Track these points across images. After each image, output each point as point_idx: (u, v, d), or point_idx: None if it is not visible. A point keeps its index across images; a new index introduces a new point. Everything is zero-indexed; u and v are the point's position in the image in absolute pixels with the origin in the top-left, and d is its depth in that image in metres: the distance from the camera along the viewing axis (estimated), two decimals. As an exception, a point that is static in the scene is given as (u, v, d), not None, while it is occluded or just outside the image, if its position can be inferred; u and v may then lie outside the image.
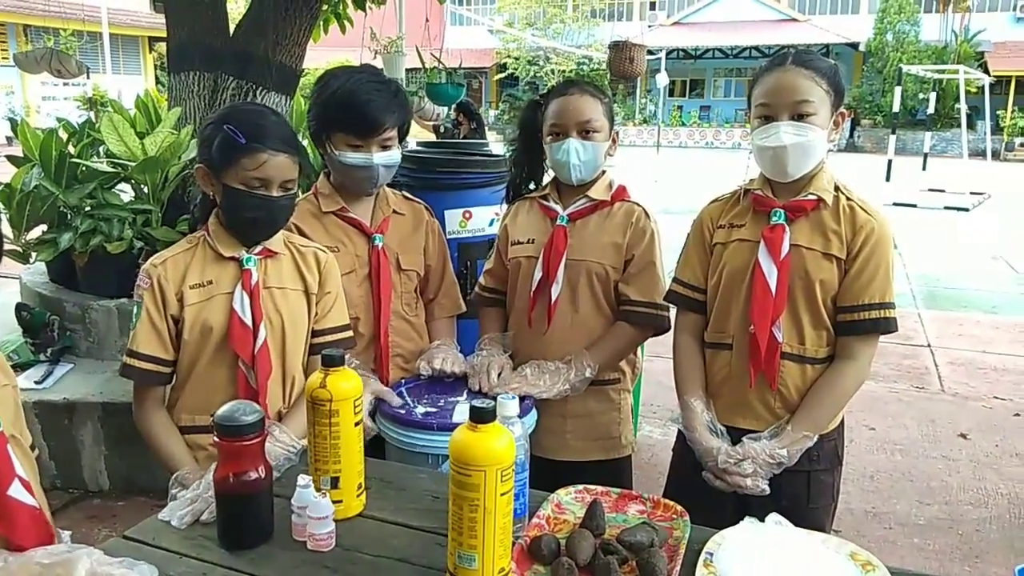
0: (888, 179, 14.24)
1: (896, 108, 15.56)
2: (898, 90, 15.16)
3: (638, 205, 2.13)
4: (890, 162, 14.50)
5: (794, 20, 30.08)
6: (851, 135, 27.35)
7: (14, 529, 1.31)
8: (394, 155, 2.03)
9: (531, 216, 2.17)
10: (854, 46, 28.53)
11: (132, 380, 1.75)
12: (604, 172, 2.13)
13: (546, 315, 2.08)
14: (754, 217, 1.82)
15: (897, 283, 1.79)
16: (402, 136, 2.08)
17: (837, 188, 1.79)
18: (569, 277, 2.06)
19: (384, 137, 1.99)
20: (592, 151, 2.03)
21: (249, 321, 1.73)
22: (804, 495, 1.80)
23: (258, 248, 1.78)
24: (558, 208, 2.10)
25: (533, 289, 2.08)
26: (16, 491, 1.31)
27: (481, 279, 2.31)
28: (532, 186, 2.27)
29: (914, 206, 13.04)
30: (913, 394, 4.75)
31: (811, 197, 1.76)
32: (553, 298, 2.06)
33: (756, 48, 29.47)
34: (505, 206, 2.36)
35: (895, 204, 12.66)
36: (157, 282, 1.72)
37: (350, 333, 1.94)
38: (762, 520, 1.36)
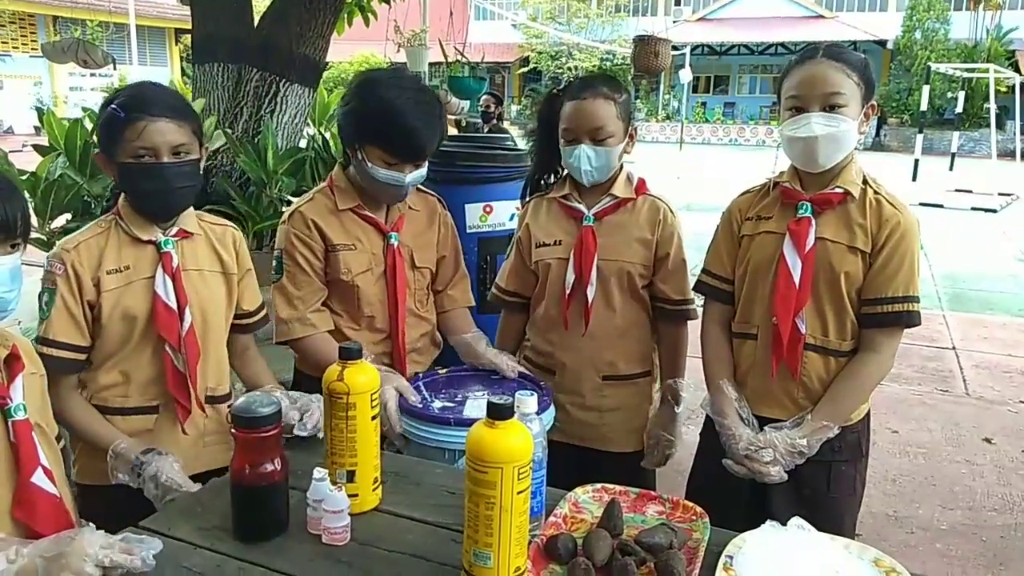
0: (915, 179, 14.07)
1: (924, 107, 15.36)
2: (926, 89, 14.97)
3: (661, 201, 2.12)
4: (917, 161, 14.33)
5: (821, 17, 29.73)
6: (877, 134, 27.02)
7: (35, 517, 1.31)
8: (423, 172, 2.01)
9: (554, 216, 2.15)
10: (882, 44, 28.15)
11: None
12: (621, 167, 2.11)
13: (583, 317, 2.07)
14: (782, 209, 1.84)
15: (922, 284, 1.77)
16: (436, 151, 2.06)
17: (865, 181, 1.80)
18: (601, 277, 2.06)
19: (421, 160, 1.98)
20: (604, 157, 2.02)
21: (174, 305, 1.70)
22: (825, 485, 1.83)
23: (174, 230, 1.74)
24: (582, 208, 2.08)
25: (568, 291, 2.07)
26: (39, 479, 1.33)
27: (500, 281, 2.28)
28: (551, 178, 2.25)
29: (941, 206, 12.86)
30: (937, 397, 4.68)
31: (838, 190, 1.77)
32: (589, 300, 2.05)
33: (782, 45, 29.18)
34: (520, 202, 2.34)
35: (921, 204, 12.48)
36: (72, 268, 1.66)
37: (264, 313, 1.95)
38: (784, 523, 1.34)
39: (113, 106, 1.66)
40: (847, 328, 1.80)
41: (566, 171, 2.19)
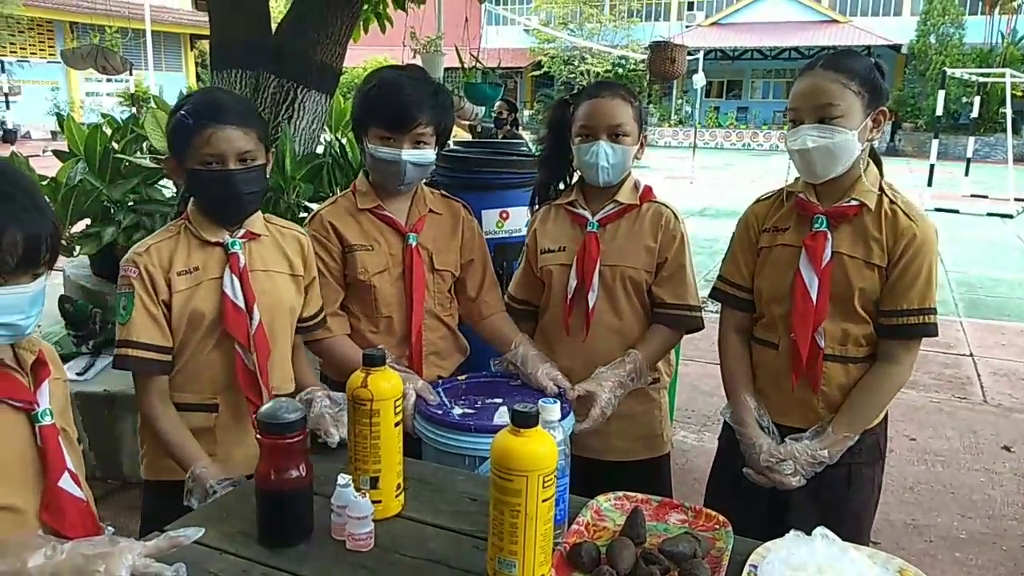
0: (930, 184, 13.98)
1: (939, 112, 15.24)
2: (941, 94, 14.83)
3: (666, 207, 2.12)
4: (932, 167, 14.23)
5: (835, 21, 29.64)
6: (892, 139, 26.85)
7: (63, 521, 1.33)
8: (426, 154, 2.00)
9: (559, 223, 2.16)
10: (896, 48, 27.99)
11: (129, 370, 1.72)
12: (629, 174, 2.12)
13: (584, 322, 2.08)
14: (797, 222, 1.85)
15: (939, 290, 1.78)
16: (442, 139, 2.07)
17: (882, 189, 1.79)
18: (604, 283, 2.06)
19: (416, 133, 1.97)
20: (621, 154, 2.03)
21: (242, 304, 1.73)
22: (845, 487, 1.85)
23: (241, 231, 1.78)
24: (587, 214, 2.10)
25: (570, 297, 2.08)
26: (66, 483, 1.34)
27: (510, 290, 2.29)
28: (560, 186, 2.25)
29: (956, 212, 12.77)
30: (955, 404, 4.65)
31: (853, 202, 1.77)
32: (590, 305, 2.05)
33: (796, 49, 29.08)
34: (528, 210, 2.34)
35: (937, 210, 12.41)
36: (145, 270, 1.70)
37: (323, 317, 1.99)
38: (803, 524, 1.33)
39: (182, 112, 1.70)
40: (865, 336, 1.80)
41: (575, 178, 2.21)
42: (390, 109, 1.96)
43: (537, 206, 2.27)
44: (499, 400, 1.95)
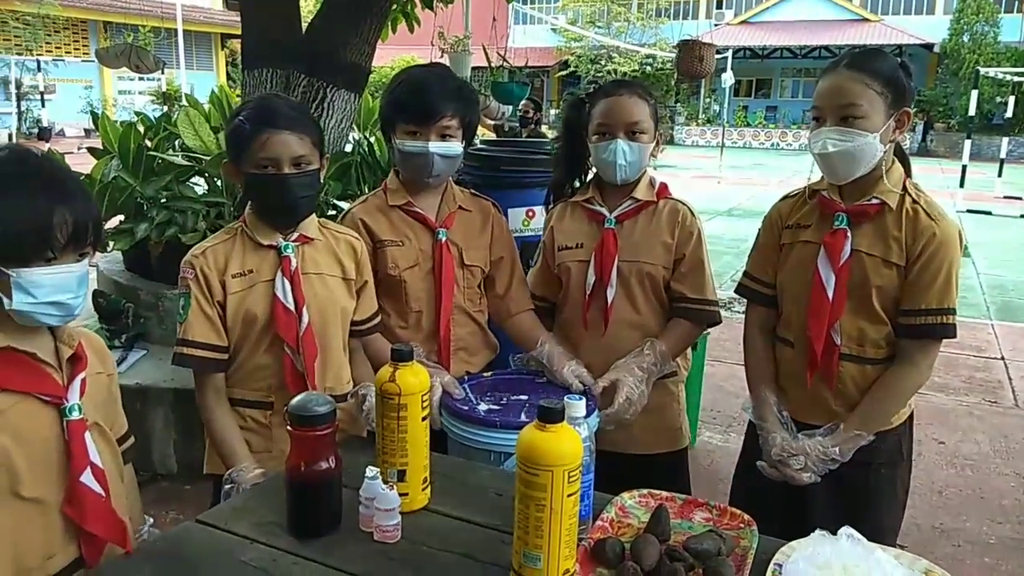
0: (962, 185, 13.75)
1: (972, 112, 14.99)
2: (974, 93, 14.57)
3: (682, 203, 2.14)
4: (964, 168, 14.00)
5: (866, 20, 29.25)
6: (924, 139, 26.45)
7: (83, 514, 1.36)
8: (452, 146, 2.03)
9: (576, 220, 2.17)
10: (928, 47, 27.57)
11: (190, 368, 1.78)
12: (645, 171, 2.13)
13: (602, 318, 2.10)
14: (819, 219, 1.86)
15: (970, 293, 1.77)
16: (468, 133, 2.09)
17: (906, 188, 1.78)
18: (622, 279, 2.08)
19: (442, 125, 2.00)
20: (638, 152, 2.04)
21: (292, 306, 1.77)
22: (865, 489, 1.85)
23: (294, 235, 1.82)
24: (604, 211, 2.11)
25: (588, 293, 2.10)
26: (87, 478, 1.36)
27: (529, 287, 2.30)
28: (576, 184, 2.26)
29: (989, 213, 12.56)
30: (985, 408, 4.59)
31: (875, 201, 1.77)
32: (609, 301, 2.07)
33: (826, 48, 28.74)
34: (543, 208, 2.36)
35: (969, 211, 12.23)
36: (201, 271, 1.76)
37: (379, 317, 2.02)
38: (823, 524, 1.33)
39: (239, 118, 1.76)
40: (883, 336, 1.80)
41: (590, 176, 2.22)
42: (415, 103, 2.00)
43: (552, 204, 2.28)
44: (524, 397, 1.96)
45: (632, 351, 2.05)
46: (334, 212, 3.47)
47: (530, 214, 3.31)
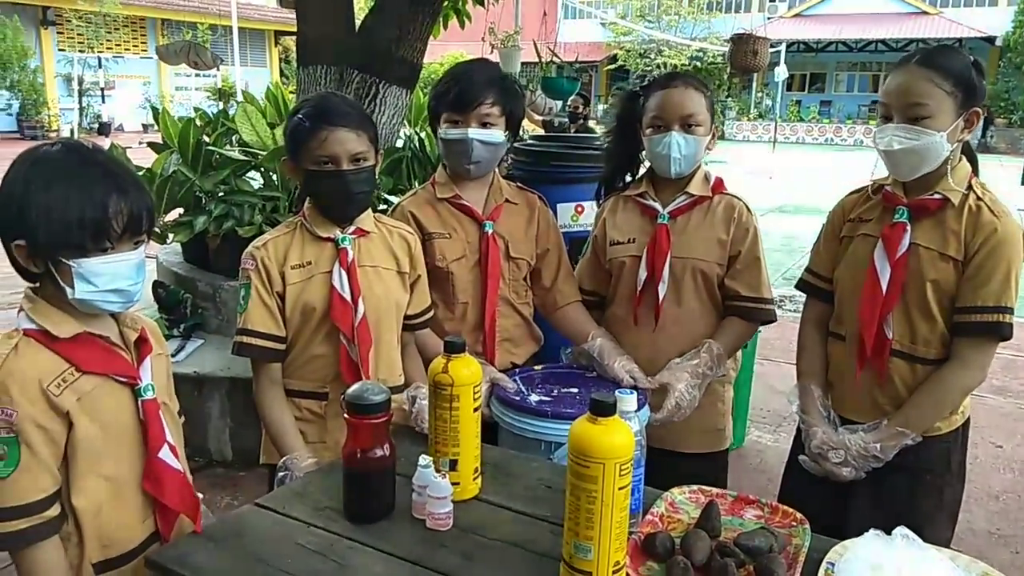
0: (1023, 183, 13.32)
1: (1036, 106, 14.49)
2: (1039, 87, 14.11)
3: (738, 199, 2.12)
4: (1027, 164, 13.55)
5: (924, 13, 28.45)
6: (983, 135, 25.43)
7: (162, 490, 1.42)
8: (492, 134, 2.05)
9: (628, 215, 2.16)
10: (990, 40, 26.70)
11: (249, 357, 1.83)
12: (700, 165, 2.11)
13: (652, 315, 2.08)
14: (881, 214, 1.84)
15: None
16: (511, 124, 2.11)
17: (971, 186, 1.75)
18: (674, 275, 2.06)
19: (481, 112, 2.02)
20: (694, 145, 2.02)
21: (348, 297, 1.81)
22: (907, 493, 1.81)
23: (351, 228, 1.85)
24: (657, 206, 2.09)
25: (639, 289, 2.08)
26: (165, 455, 1.43)
27: (577, 281, 2.30)
28: (628, 178, 2.25)
29: (1052, 212, 12.14)
30: (1046, 412, 4.45)
31: (937, 196, 1.74)
32: (660, 297, 2.06)
33: (883, 42, 28.08)
34: (595, 202, 2.35)
35: (1031, 209, 11.82)
36: (261, 263, 1.81)
37: (432, 311, 2.05)
38: (862, 527, 1.32)
39: (298, 116, 1.81)
40: (937, 335, 1.76)
41: (643, 170, 2.20)
42: (455, 91, 2.03)
43: (603, 199, 2.28)
44: (575, 390, 1.98)
45: (684, 351, 2.04)
46: (385, 206, 3.52)
47: (579, 209, 3.31)
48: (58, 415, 1.31)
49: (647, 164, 2.18)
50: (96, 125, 21.40)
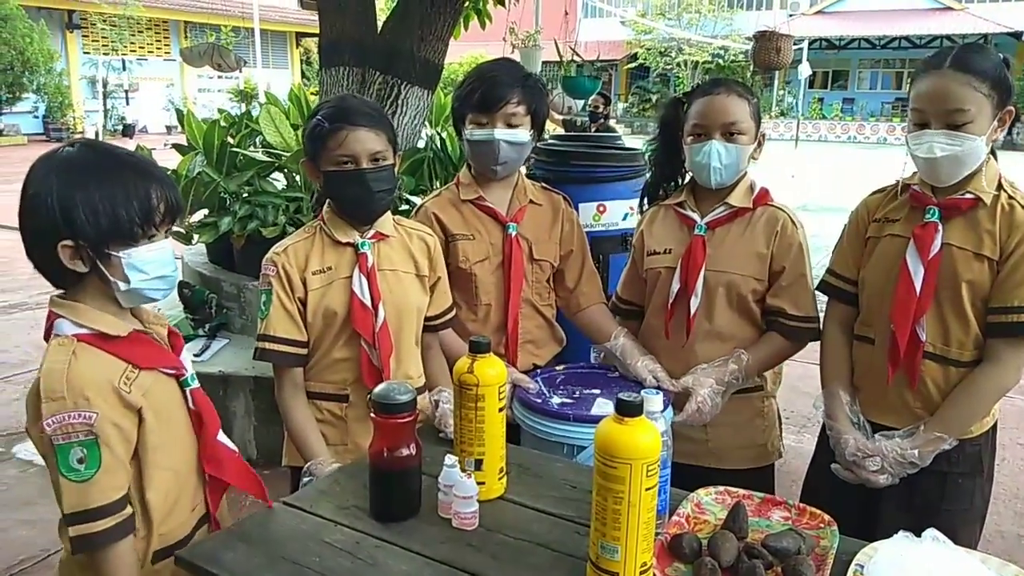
0: (1053, 180, 13.13)
1: (1065, 103, 14.27)
2: (1068, 83, 13.90)
3: (783, 211, 2.04)
4: (1055, 162, 13.35)
5: (949, 8, 28.08)
6: (1009, 132, 25.13)
7: (223, 470, 1.48)
8: (518, 134, 2.05)
9: (667, 224, 2.11)
10: (1016, 36, 26.29)
11: (271, 362, 1.83)
12: (745, 175, 2.05)
13: (684, 328, 2.01)
14: (910, 213, 1.80)
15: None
16: (536, 123, 2.11)
17: (1000, 186, 1.72)
18: (708, 289, 1.99)
19: (507, 112, 2.02)
20: (735, 154, 1.96)
21: (369, 302, 1.81)
22: (938, 496, 1.78)
23: (371, 232, 1.86)
24: (695, 216, 2.03)
25: (671, 301, 2.03)
26: (222, 437, 1.49)
27: (617, 290, 2.28)
28: (673, 185, 2.21)
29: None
30: (1077, 413, 4.38)
31: (968, 196, 1.71)
32: (692, 311, 1.99)
33: (906, 38, 27.75)
34: (638, 210, 2.33)
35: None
36: (282, 268, 1.81)
37: (453, 311, 2.04)
38: (894, 531, 1.31)
39: (317, 118, 1.82)
40: (970, 338, 1.73)
41: (686, 179, 2.15)
42: (481, 91, 2.04)
43: (647, 207, 2.24)
44: (597, 391, 1.97)
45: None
46: (407, 207, 3.53)
47: (601, 209, 3.29)
48: (131, 412, 1.35)
49: (690, 174, 2.11)
50: (120, 127, 21.68)
